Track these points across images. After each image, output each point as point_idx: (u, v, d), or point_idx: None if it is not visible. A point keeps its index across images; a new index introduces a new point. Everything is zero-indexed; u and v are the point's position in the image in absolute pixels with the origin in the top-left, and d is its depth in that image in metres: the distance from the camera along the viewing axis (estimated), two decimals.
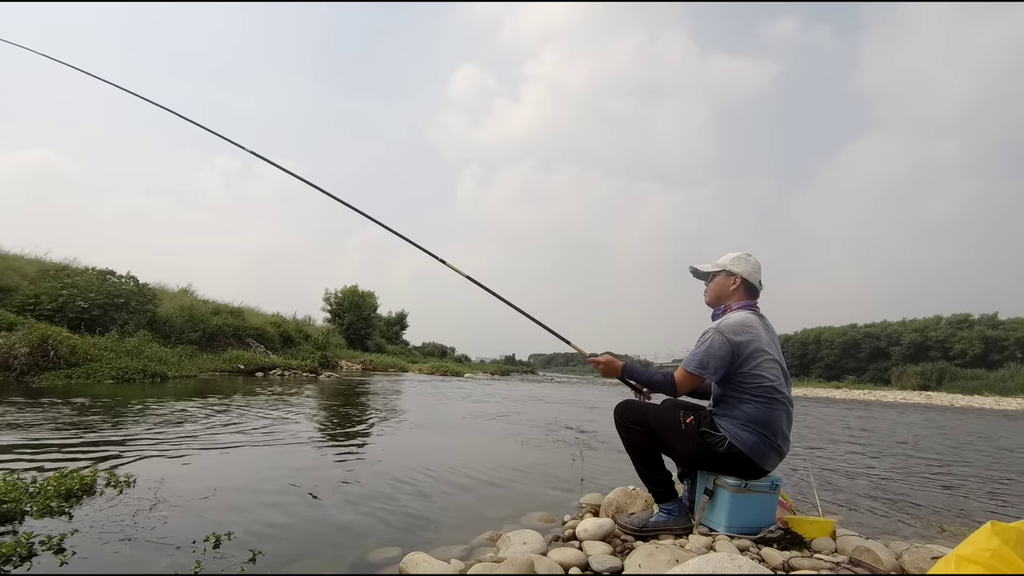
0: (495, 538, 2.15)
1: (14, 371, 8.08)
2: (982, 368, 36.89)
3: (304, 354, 18.30)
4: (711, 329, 2.16)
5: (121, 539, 1.95)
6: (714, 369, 2.09)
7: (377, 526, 2.32)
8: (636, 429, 2.20)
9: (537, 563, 1.77)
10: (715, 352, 2.08)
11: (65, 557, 1.75)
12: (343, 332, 29.00)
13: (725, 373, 2.10)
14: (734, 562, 1.48)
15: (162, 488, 2.61)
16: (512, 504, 2.79)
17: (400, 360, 28.85)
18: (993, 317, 43.93)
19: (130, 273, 13.57)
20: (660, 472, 2.21)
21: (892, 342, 48.36)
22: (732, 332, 2.10)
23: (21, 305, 10.96)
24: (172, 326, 14.03)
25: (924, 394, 28.42)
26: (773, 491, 2.11)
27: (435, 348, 48.76)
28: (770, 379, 2.08)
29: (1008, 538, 1.24)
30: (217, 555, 1.87)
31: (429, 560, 1.82)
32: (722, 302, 2.29)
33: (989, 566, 1.21)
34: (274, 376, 13.18)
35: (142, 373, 9.16)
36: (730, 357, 2.08)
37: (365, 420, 6.17)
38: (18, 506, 2.10)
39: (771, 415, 2.07)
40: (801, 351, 55.54)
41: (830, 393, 29.85)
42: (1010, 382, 29.76)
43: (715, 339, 2.10)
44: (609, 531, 2.16)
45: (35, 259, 13.74)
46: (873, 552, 1.89)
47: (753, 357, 2.08)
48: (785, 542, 2.00)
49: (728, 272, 2.28)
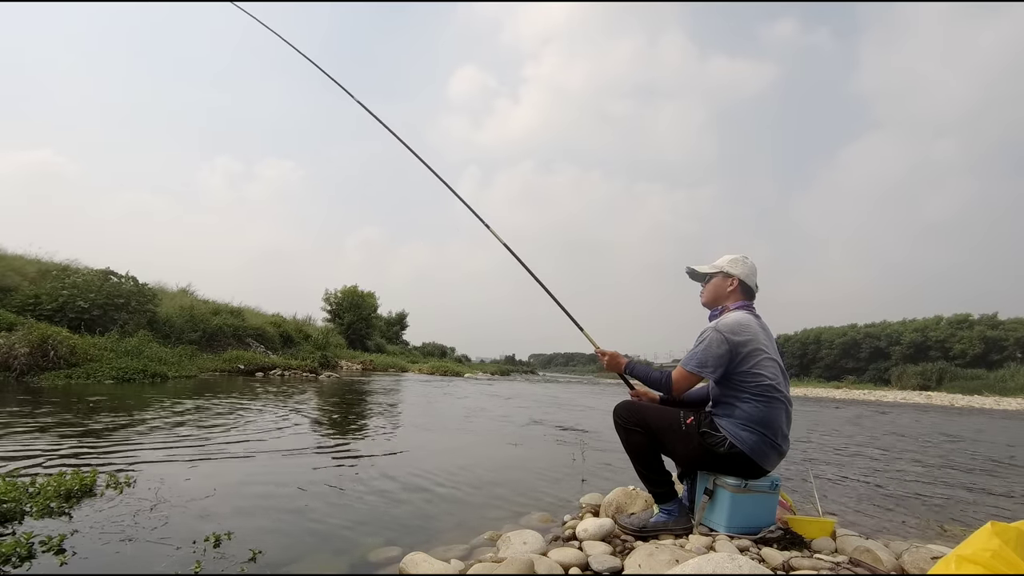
0: (495, 538, 2.15)
1: (14, 371, 8.08)
2: (982, 368, 36.92)
3: (304, 354, 18.30)
4: (709, 328, 2.17)
5: (121, 539, 1.95)
6: (713, 368, 2.10)
7: (377, 526, 2.32)
8: (636, 430, 2.20)
9: (537, 563, 1.77)
10: (714, 351, 2.10)
11: (65, 557, 1.75)
12: (343, 332, 29.01)
13: (724, 372, 2.11)
14: (734, 562, 1.48)
15: (162, 488, 2.61)
16: (512, 504, 2.79)
17: (400, 360, 28.86)
18: (993, 317, 43.98)
19: (129, 273, 13.58)
20: (660, 473, 2.21)
21: (892, 342, 48.39)
22: (730, 331, 2.11)
23: (21, 305, 10.96)
24: (172, 326, 14.03)
25: (924, 394, 28.45)
26: (773, 491, 2.11)
27: (435, 348, 48.76)
28: (769, 377, 2.08)
29: (1008, 538, 1.24)
30: (217, 555, 1.87)
31: (429, 560, 1.82)
32: (719, 303, 2.31)
33: (989, 566, 1.21)
34: (274, 376, 13.18)
35: (142, 373, 9.15)
36: (728, 356, 2.09)
37: (365, 420, 6.17)
38: (18, 506, 2.10)
39: (771, 414, 2.08)
40: (801, 351, 55.56)
41: (830, 393, 29.84)
42: (1010, 382, 29.77)
43: (714, 338, 2.12)
44: (609, 531, 2.16)
45: (35, 259, 13.74)
46: (873, 552, 1.89)
47: (752, 356, 2.09)
48: (785, 542, 2.01)
49: (725, 274, 2.30)
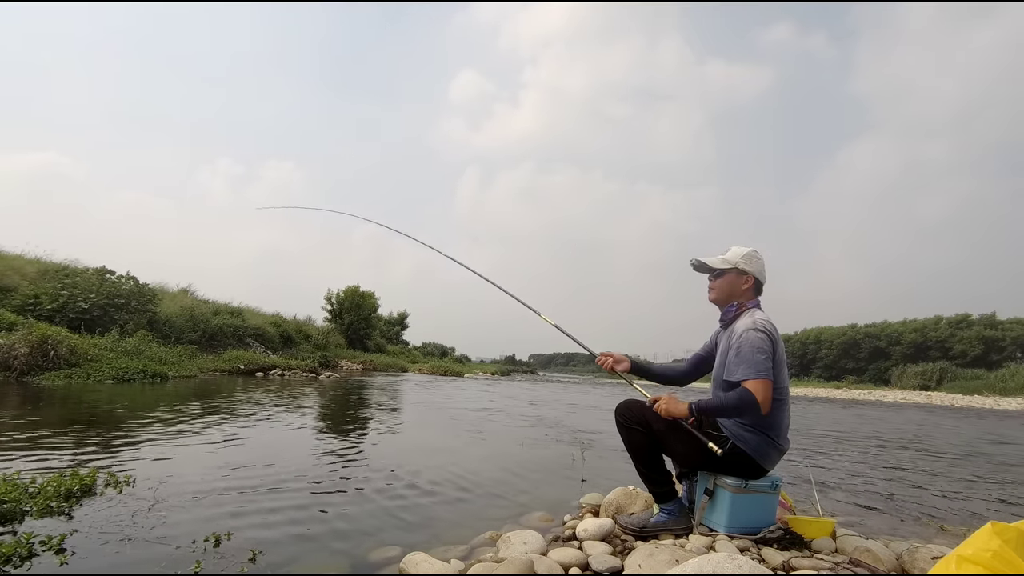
0: (495, 538, 2.15)
1: (14, 371, 8.08)
2: (982, 368, 36.91)
3: (304, 354, 18.33)
4: (752, 330, 2.05)
5: (121, 539, 1.95)
6: (769, 369, 2.01)
7: (377, 526, 2.32)
8: (637, 429, 2.19)
9: (537, 563, 1.77)
10: (769, 353, 2.02)
11: (65, 557, 1.75)
12: (343, 332, 28.97)
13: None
14: (734, 562, 1.48)
15: (162, 488, 2.61)
16: (512, 504, 2.79)
17: (400, 360, 28.86)
18: (991, 317, 44.02)
19: (128, 272, 13.58)
20: (661, 472, 2.21)
21: (892, 342, 48.43)
22: (772, 333, 2.05)
23: (21, 305, 10.97)
24: (172, 326, 14.04)
25: (924, 394, 28.43)
26: (773, 491, 2.11)
27: (435, 348, 48.74)
28: (783, 381, 2.09)
29: (1009, 538, 1.23)
30: (217, 555, 1.86)
31: (429, 560, 1.82)
32: (733, 300, 2.24)
33: (990, 566, 1.21)
34: (274, 376, 13.18)
35: (142, 373, 9.16)
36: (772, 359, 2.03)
37: (365, 420, 6.16)
38: (18, 506, 2.10)
39: (779, 416, 2.08)
40: (801, 351, 55.57)
41: (830, 393, 29.85)
42: (1010, 382, 29.73)
43: (765, 341, 2.02)
44: (609, 531, 2.16)
45: (35, 259, 13.76)
46: (873, 552, 1.89)
47: (780, 361, 2.06)
48: (785, 542, 2.00)
49: (740, 271, 2.22)
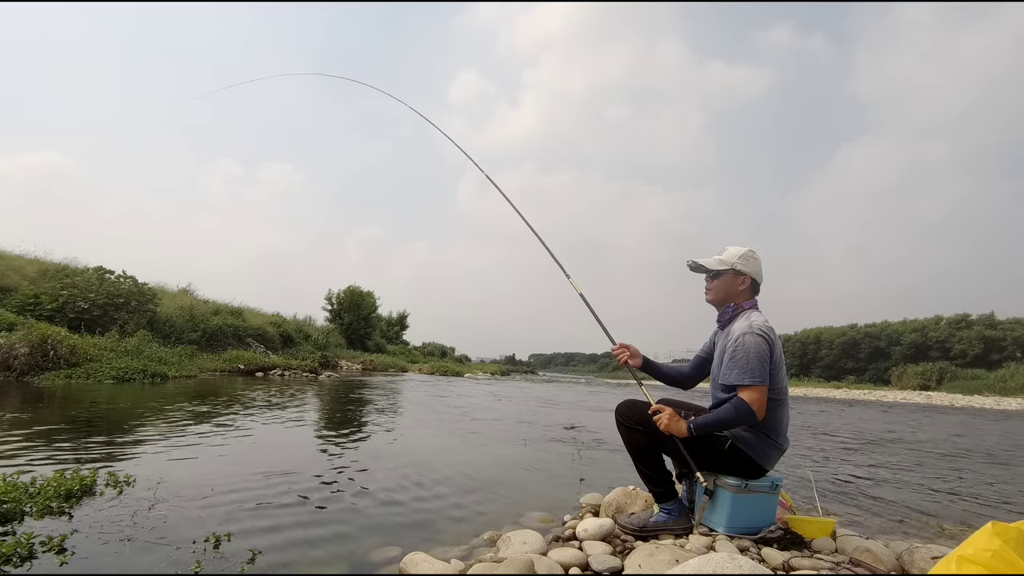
0: (495, 538, 2.15)
1: (14, 371, 8.08)
2: (982, 368, 36.88)
3: (304, 354, 18.32)
4: (748, 334, 2.04)
5: (121, 539, 1.95)
6: (764, 375, 2.00)
7: (377, 526, 2.32)
8: (637, 429, 2.19)
9: (537, 563, 1.77)
10: (765, 357, 2.01)
11: (65, 557, 1.74)
12: (343, 332, 28.98)
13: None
14: (734, 562, 1.48)
15: (161, 488, 2.61)
16: (512, 504, 2.79)
17: (400, 360, 28.85)
18: (991, 317, 44.02)
19: (127, 272, 13.57)
20: (661, 472, 2.21)
21: (892, 342, 48.43)
22: (770, 336, 2.04)
23: (21, 305, 10.97)
24: (172, 326, 14.04)
25: (924, 394, 28.41)
26: (773, 491, 2.11)
27: (435, 348, 48.68)
28: (782, 381, 2.09)
29: (1009, 538, 1.23)
30: (217, 555, 1.86)
31: (429, 560, 1.82)
32: (729, 301, 2.24)
33: (990, 566, 1.21)
34: (274, 376, 13.18)
35: (142, 373, 9.16)
36: (770, 361, 2.03)
37: (365, 420, 6.16)
38: (18, 506, 2.10)
39: (778, 416, 2.08)
40: (801, 351, 55.54)
41: (830, 393, 29.85)
42: (1010, 382, 29.70)
43: (762, 344, 2.01)
44: (609, 531, 2.16)
45: (35, 259, 13.76)
46: (873, 552, 1.90)
47: (777, 363, 2.06)
48: (785, 542, 2.01)
49: (737, 272, 2.21)
